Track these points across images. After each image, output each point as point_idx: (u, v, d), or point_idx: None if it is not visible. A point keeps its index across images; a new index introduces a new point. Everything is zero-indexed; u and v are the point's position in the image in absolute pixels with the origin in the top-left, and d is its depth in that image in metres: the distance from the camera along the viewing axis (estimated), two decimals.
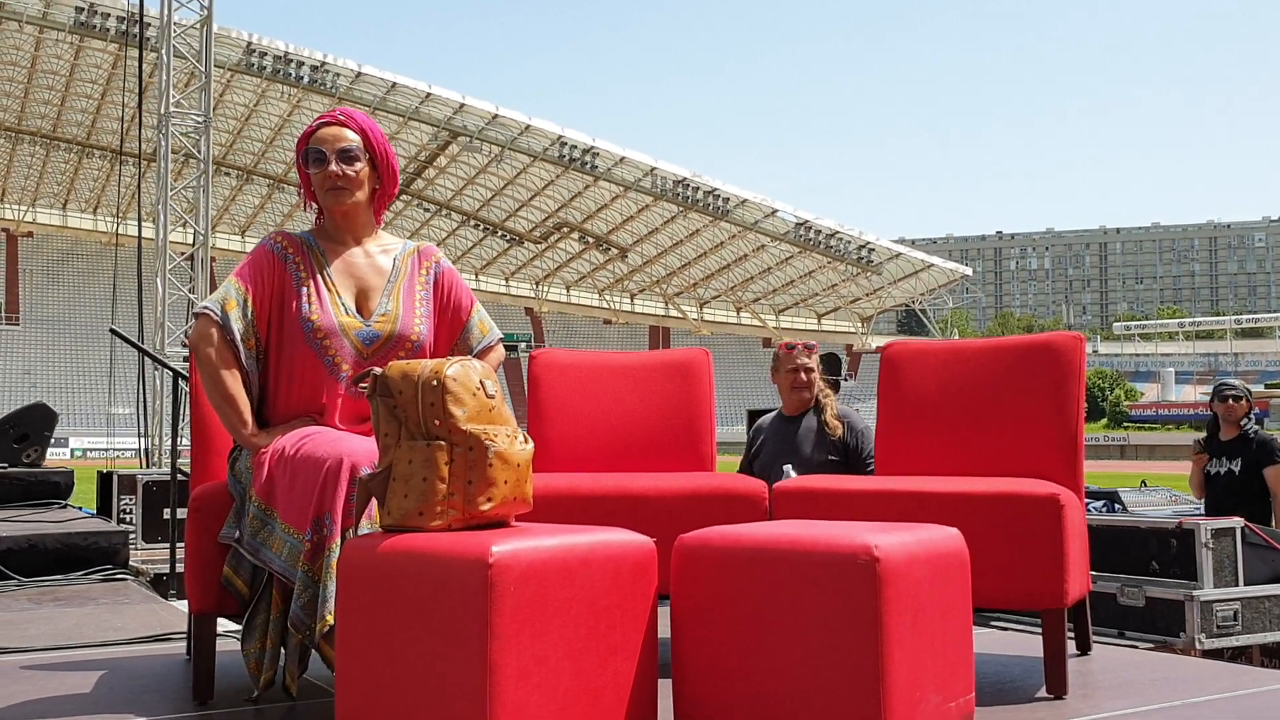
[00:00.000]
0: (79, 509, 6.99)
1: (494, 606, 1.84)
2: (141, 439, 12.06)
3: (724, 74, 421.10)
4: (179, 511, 5.28)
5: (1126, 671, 2.98)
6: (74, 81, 54.23)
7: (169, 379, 8.24)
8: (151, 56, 17.13)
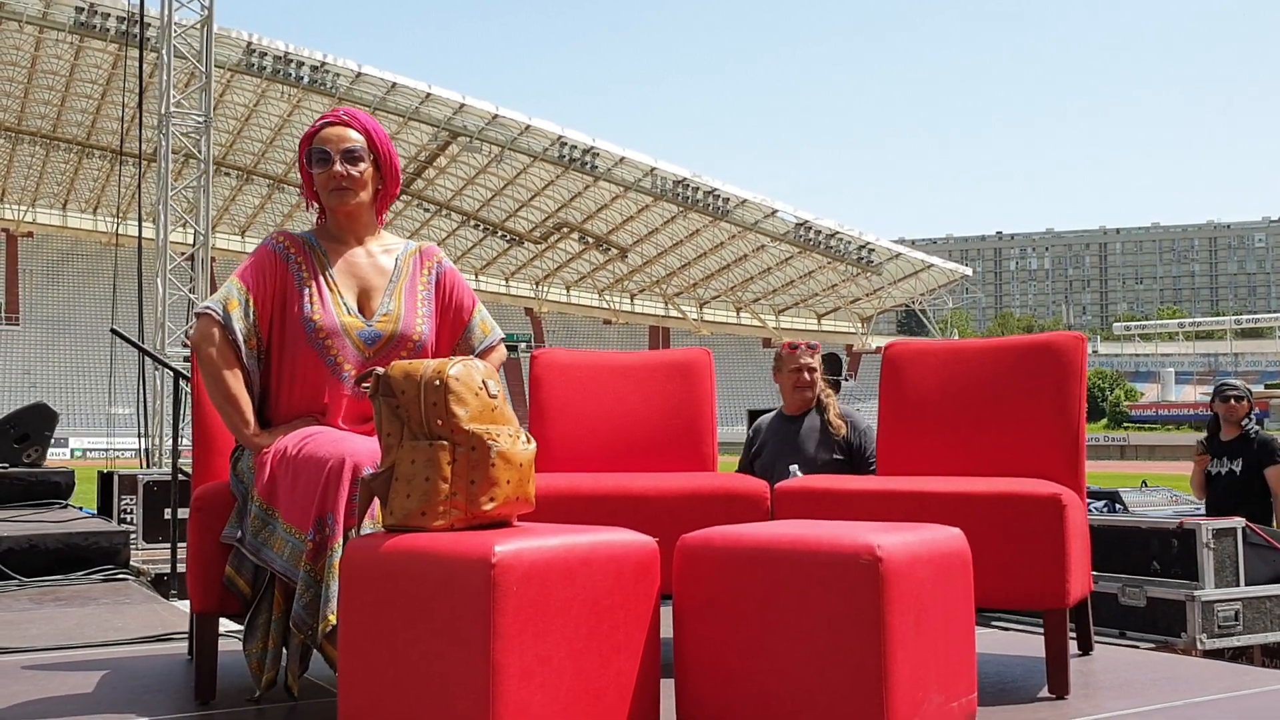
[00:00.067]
0: (79, 509, 7.00)
1: (497, 606, 1.85)
2: (141, 439, 12.05)
3: (724, 74, 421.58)
4: (180, 511, 5.28)
5: (1128, 671, 2.98)
6: (74, 81, 54.24)
7: (169, 379, 8.25)
8: (151, 56, 17.13)
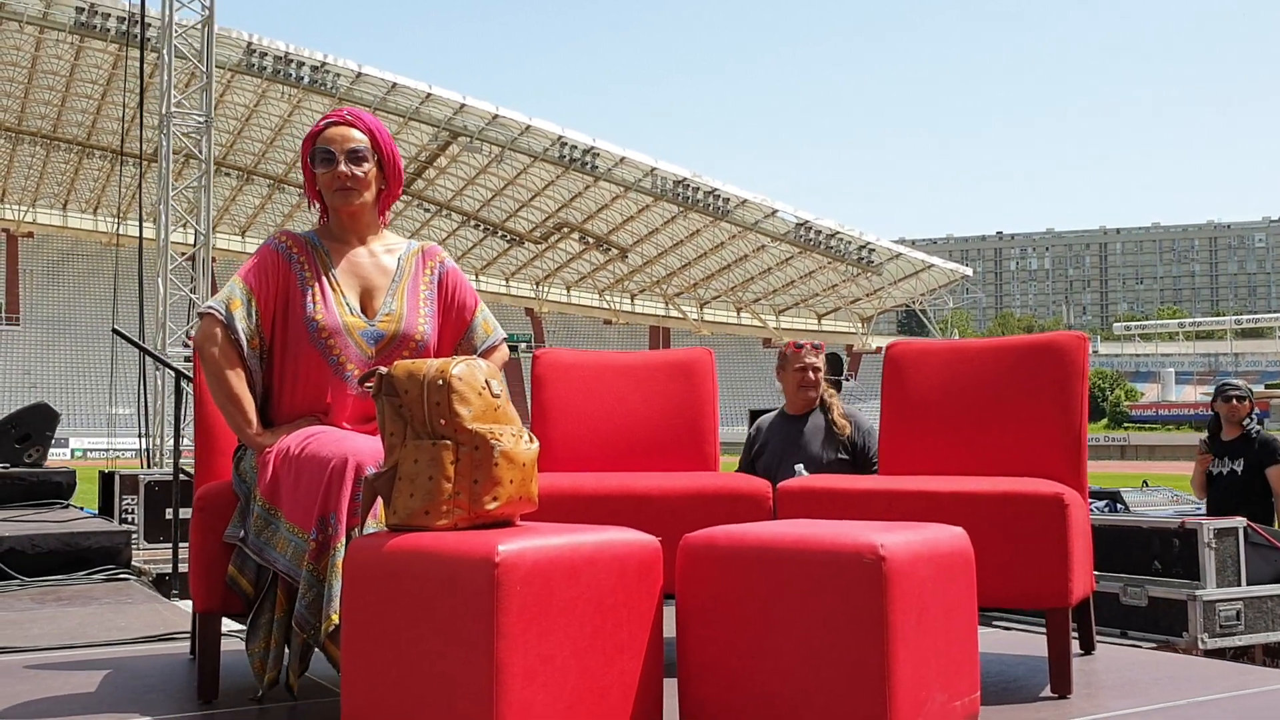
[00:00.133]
0: (81, 509, 7.00)
1: (500, 605, 1.85)
2: (142, 439, 12.05)
3: (724, 74, 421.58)
4: (182, 511, 5.28)
5: (1130, 671, 2.98)
6: (74, 82, 54.25)
7: (170, 379, 8.26)
8: (152, 57, 17.15)
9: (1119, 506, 8.71)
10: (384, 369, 2.14)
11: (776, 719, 2.05)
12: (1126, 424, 76.74)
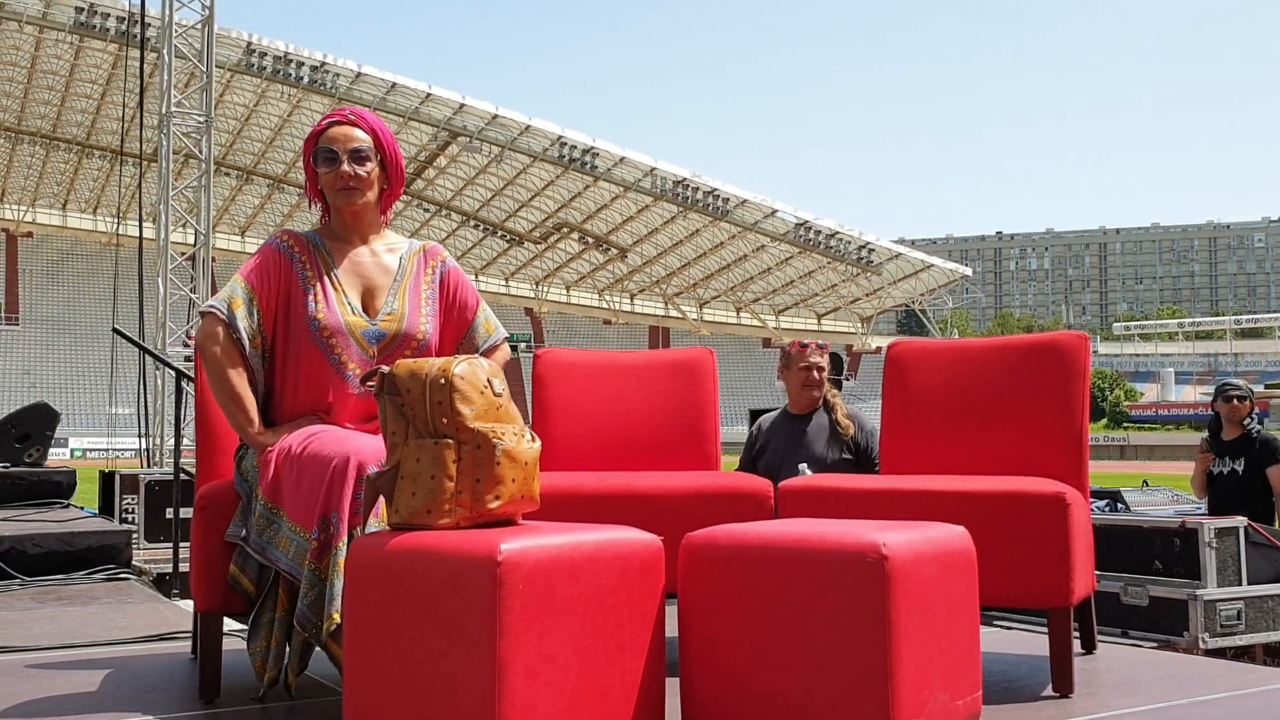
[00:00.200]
0: (81, 509, 7.00)
1: (502, 604, 1.84)
2: (142, 439, 12.04)
3: (724, 74, 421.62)
4: (182, 511, 5.28)
5: (1131, 670, 2.98)
6: (74, 81, 54.22)
7: (170, 379, 8.25)
8: (152, 56, 17.14)
9: (1120, 506, 8.70)
10: (386, 368, 2.14)
11: (778, 718, 2.05)
12: (1126, 424, 76.76)
